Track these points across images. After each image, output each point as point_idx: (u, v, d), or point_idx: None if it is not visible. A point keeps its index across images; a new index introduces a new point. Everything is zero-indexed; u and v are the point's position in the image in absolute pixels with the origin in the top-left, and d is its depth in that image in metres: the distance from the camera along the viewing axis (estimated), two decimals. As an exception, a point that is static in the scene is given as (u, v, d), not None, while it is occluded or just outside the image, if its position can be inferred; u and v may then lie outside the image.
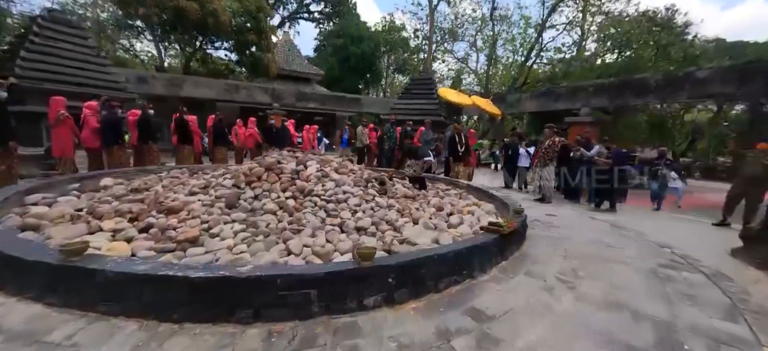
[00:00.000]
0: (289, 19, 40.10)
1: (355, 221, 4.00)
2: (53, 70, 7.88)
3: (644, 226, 5.33)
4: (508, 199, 5.03)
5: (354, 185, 5.04)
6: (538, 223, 4.94)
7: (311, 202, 4.28)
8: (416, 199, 5.57)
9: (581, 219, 5.54)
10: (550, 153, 6.79)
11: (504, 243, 3.20)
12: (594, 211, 6.61)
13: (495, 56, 27.22)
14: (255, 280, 2.06)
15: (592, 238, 4.34)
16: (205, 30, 13.82)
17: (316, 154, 5.97)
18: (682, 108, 19.44)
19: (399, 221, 4.28)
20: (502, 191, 8.09)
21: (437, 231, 4.08)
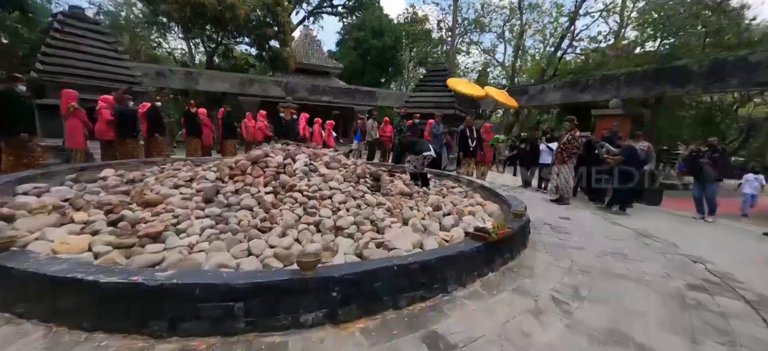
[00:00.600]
0: (313, 14, 40.49)
1: (335, 220, 3.70)
2: (72, 64, 8.17)
3: (679, 235, 4.59)
4: (515, 199, 4.49)
5: (344, 181, 4.74)
6: (546, 228, 4.38)
7: (291, 199, 4.02)
8: (413, 197, 5.18)
9: (600, 224, 4.87)
10: (570, 149, 6.09)
11: (491, 252, 2.75)
12: (617, 214, 5.87)
13: (523, 47, 25.74)
14: (170, 289, 1.79)
15: (607, 247, 3.73)
16: (223, 24, 14.03)
17: (312, 148, 5.72)
18: (735, 101, 17.27)
19: (385, 221, 3.92)
20: (515, 191, 7.47)
21: (427, 234, 3.70)
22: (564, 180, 6.20)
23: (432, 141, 8.73)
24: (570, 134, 6.08)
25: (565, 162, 6.17)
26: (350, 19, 34.86)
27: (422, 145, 5.68)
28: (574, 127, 6.14)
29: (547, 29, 24.56)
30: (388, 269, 2.11)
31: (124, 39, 19.90)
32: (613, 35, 21.72)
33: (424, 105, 11.55)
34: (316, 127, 10.75)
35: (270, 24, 15.93)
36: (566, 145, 6.11)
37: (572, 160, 6.21)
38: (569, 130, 6.13)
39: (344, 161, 5.24)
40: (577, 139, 6.06)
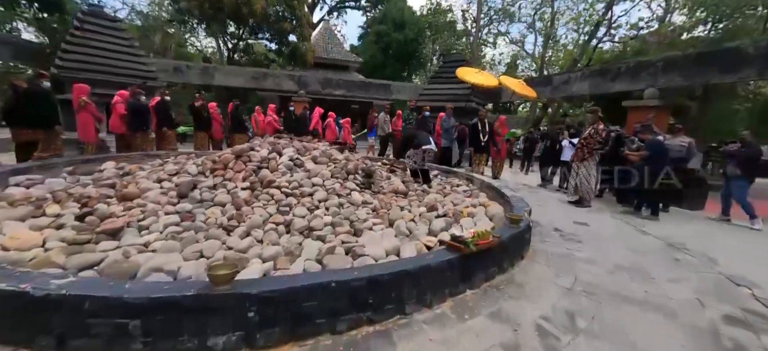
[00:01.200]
0: (336, 9, 40.55)
1: (310, 220, 3.39)
2: (89, 60, 8.45)
3: (721, 247, 3.83)
4: (521, 201, 3.95)
5: (331, 177, 4.42)
6: (555, 235, 3.81)
7: (268, 195, 3.76)
8: (408, 195, 4.77)
9: (623, 232, 4.20)
10: (591, 144, 5.36)
11: (469, 265, 2.31)
12: (648, 219, 5.10)
13: (554, 36, 24.08)
14: (58, 301, 1.54)
15: (626, 261, 3.12)
16: (240, 19, 14.19)
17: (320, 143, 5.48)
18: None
19: (367, 222, 3.58)
20: (531, 190, 6.79)
21: (410, 238, 3.31)
22: (584, 179, 5.48)
23: (442, 135, 8.24)
24: (593, 128, 5.35)
25: (585, 159, 5.46)
26: (374, 12, 34.50)
27: (422, 138, 5.23)
28: (598, 119, 5.39)
29: (581, 16, 22.75)
30: (323, 286, 1.75)
31: (156, 38, 20.93)
32: (658, 21, 19.69)
33: (439, 98, 11.00)
34: (329, 120, 10.51)
35: (287, 18, 15.92)
36: (587, 139, 5.39)
37: (594, 157, 5.47)
38: (592, 122, 5.40)
39: (336, 156, 4.91)
40: (601, 134, 5.32)
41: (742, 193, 5.09)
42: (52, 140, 6.61)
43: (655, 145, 5.18)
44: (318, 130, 10.39)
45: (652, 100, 6.99)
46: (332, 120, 10.49)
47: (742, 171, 5.11)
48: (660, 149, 5.17)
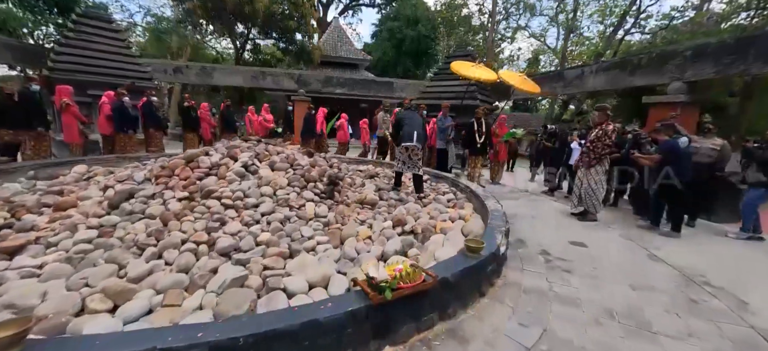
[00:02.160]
0: (351, 7, 40.30)
1: (241, 238, 2.93)
2: (82, 61, 8.43)
3: (754, 280, 3.03)
4: (499, 216, 3.31)
5: (288, 185, 3.95)
6: (539, 260, 3.14)
7: (204, 207, 3.34)
8: (378, 205, 4.23)
9: (629, 256, 3.44)
10: (598, 148, 4.57)
11: (391, 314, 1.75)
12: (669, 235, 4.29)
13: (576, 29, 22.54)
14: None
15: (621, 303, 2.43)
16: (243, 18, 14.07)
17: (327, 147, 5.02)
18: None
19: (311, 242, 3.09)
20: (531, 198, 6.03)
21: (353, 263, 2.79)
22: (590, 189, 4.69)
23: (438, 135, 7.61)
24: (600, 128, 4.55)
25: (592, 165, 4.67)
26: (387, 9, 33.93)
27: (405, 131, 4.65)
28: (607, 118, 4.59)
29: (607, 7, 21.06)
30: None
31: (173, 40, 21.39)
32: (693, 9, 17.81)
33: (442, 95, 10.32)
34: (342, 121, 10.06)
35: (293, 16, 15.69)
36: (594, 142, 4.60)
37: (603, 162, 4.67)
38: (599, 122, 4.60)
39: (299, 161, 4.43)
40: (610, 135, 4.51)
41: (754, 200, 4.21)
42: (40, 142, 6.64)
43: (669, 147, 4.34)
44: (323, 132, 9.95)
45: (677, 96, 5.99)
46: (345, 121, 10.06)
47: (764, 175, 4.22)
48: (675, 153, 4.31)
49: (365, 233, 3.40)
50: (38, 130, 6.56)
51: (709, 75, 5.59)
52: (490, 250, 2.49)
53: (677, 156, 4.35)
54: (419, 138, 4.74)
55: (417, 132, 4.74)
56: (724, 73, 5.42)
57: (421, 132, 4.81)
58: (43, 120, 6.70)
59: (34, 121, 6.44)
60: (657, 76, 6.46)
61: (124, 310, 2.01)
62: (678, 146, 4.53)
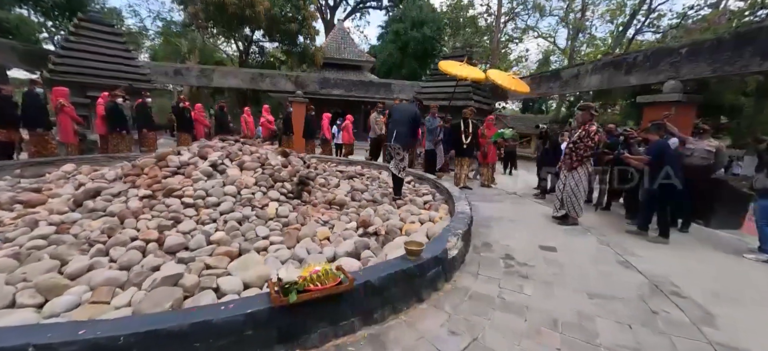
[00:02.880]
0: (358, 9, 40.51)
1: (191, 237, 2.92)
2: (82, 64, 8.68)
3: (730, 292, 2.82)
4: (461, 220, 3.20)
5: (254, 184, 3.94)
6: (500, 265, 3.01)
7: (164, 206, 3.35)
8: (347, 206, 4.18)
9: (598, 262, 3.25)
10: (581, 149, 4.38)
11: (301, 317, 1.70)
12: (657, 241, 4.08)
13: (584, 28, 22.00)
14: None
15: (572, 312, 2.27)
16: (244, 21, 14.28)
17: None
18: None
19: (265, 242, 3.05)
20: (518, 200, 5.84)
21: (299, 265, 2.74)
22: (572, 191, 4.50)
23: (427, 137, 7.51)
24: (583, 129, 4.36)
25: (574, 168, 4.48)
26: (394, 11, 33.95)
27: (389, 131, 4.59)
28: (590, 118, 4.40)
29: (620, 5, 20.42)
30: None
31: (183, 43, 21.92)
32: (709, 6, 17.10)
33: (436, 96, 10.20)
34: (347, 122, 10.06)
35: (293, 19, 15.84)
36: (576, 143, 4.41)
37: (586, 165, 4.48)
38: (582, 122, 4.42)
39: (272, 161, 4.42)
40: (593, 136, 4.32)
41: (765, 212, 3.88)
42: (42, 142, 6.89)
43: (658, 148, 4.13)
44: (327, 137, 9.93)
45: (671, 95, 5.69)
46: (350, 122, 10.07)
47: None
48: (662, 153, 4.10)
49: (324, 234, 3.35)
50: (37, 130, 6.84)
51: (705, 73, 5.30)
52: (434, 253, 2.39)
53: (667, 158, 4.13)
54: (398, 137, 4.53)
55: (397, 131, 4.57)
56: (720, 71, 5.12)
57: (403, 130, 4.53)
58: (45, 121, 6.97)
59: (37, 122, 6.72)
60: (652, 75, 6.17)
61: (53, 306, 2.02)
62: (667, 148, 4.32)
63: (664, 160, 4.13)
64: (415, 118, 4.64)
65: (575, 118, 4.60)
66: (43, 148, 6.93)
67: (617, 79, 6.80)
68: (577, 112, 4.56)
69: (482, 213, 4.87)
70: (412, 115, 4.63)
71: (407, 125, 4.58)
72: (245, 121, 9.84)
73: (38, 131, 6.83)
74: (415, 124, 4.69)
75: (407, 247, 2.29)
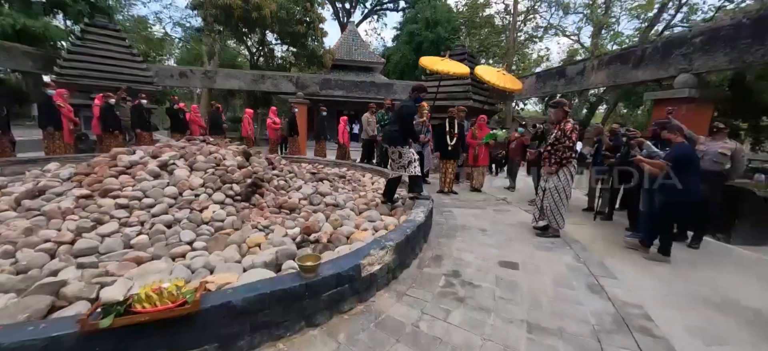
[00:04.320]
0: (375, 12, 40.55)
1: (102, 240, 2.77)
2: (87, 67, 9.01)
3: (729, 329, 2.28)
4: (402, 229, 2.84)
5: (201, 185, 3.76)
6: (436, 285, 2.61)
7: (97, 206, 3.23)
8: (295, 211, 3.91)
9: (563, 285, 2.77)
10: (561, 151, 3.86)
11: (115, 344, 1.43)
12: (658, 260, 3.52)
13: (608, 24, 20.61)
14: None
15: (499, 348, 1.87)
16: (250, 24, 14.49)
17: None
18: None
19: (183, 248, 2.86)
20: (503, 207, 5.32)
21: (205, 275, 2.51)
22: (552, 198, 3.97)
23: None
24: (559, 128, 3.84)
25: (553, 172, 3.95)
26: (409, 12, 33.66)
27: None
28: (565, 114, 3.87)
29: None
30: None
31: (202, 49, 22.76)
32: None
33: (440, 96, 9.75)
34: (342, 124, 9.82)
35: (301, 21, 15.92)
36: (554, 145, 3.88)
37: (569, 168, 3.94)
38: (557, 120, 3.89)
39: (226, 162, 4.24)
40: (570, 135, 3.77)
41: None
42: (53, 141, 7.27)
43: (683, 155, 3.53)
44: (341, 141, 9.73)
45: (682, 90, 4.94)
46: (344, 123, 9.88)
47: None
48: (688, 161, 3.52)
49: (255, 240, 3.10)
50: (48, 129, 7.18)
51: (722, 64, 4.53)
52: (338, 269, 2.06)
53: (693, 168, 3.52)
54: (385, 135, 4.38)
55: (386, 129, 4.41)
56: (739, 61, 4.34)
57: (390, 128, 4.29)
58: (56, 121, 7.30)
59: (49, 122, 7.07)
60: (663, 69, 5.42)
61: None
62: (694, 155, 3.63)
63: (688, 169, 3.47)
64: (401, 115, 4.21)
65: (548, 117, 4.07)
66: (53, 145, 7.27)
67: (624, 74, 6.07)
68: (550, 110, 4.01)
69: (454, 221, 4.45)
70: (398, 111, 4.32)
71: (396, 123, 4.31)
72: (248, 122, 9.81)
73: (49, 130, 7.17)
74: (403, 120, 4.19)
75: (300, 262, 1.98)
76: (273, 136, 9.95)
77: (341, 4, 36.98)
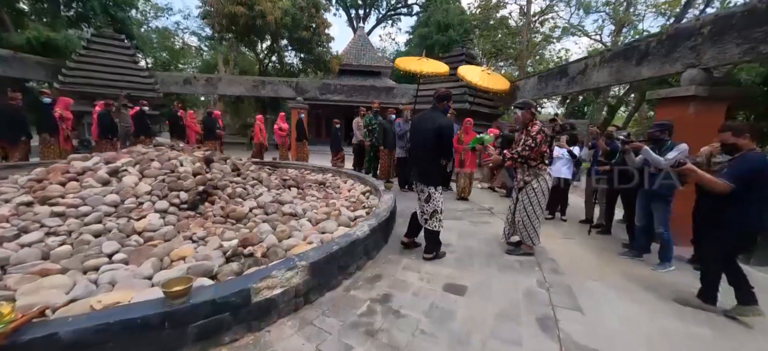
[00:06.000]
0: (388, 17, 40.63)
1: (19, 249, 2.67)
2: (93, 75, 9.35)
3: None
4: (328, 245, 2.55)
5: (148, 193, 3.64)
6: (351, 314, 2.28)
7: (33, 213, 3.16)
8: (242, 219, 3.71)
9: (509, 318, 2.35)
10: (533, 156, 3.41)
11: None
12: (701, 308, 2.80)
13: (629, 21, 19.40)
14: None
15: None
16: (256, 31, 14.72)
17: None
18: None
19: (99, 260, 2.70)
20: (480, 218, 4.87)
21: (95, 291, 2.34)
22: (524, 212, 3.52)
23: (398, 143, 6.82)
24: (526, 132, 3.38)
25: (527, 182, 3.50)
26: (421, 16, 33.46)
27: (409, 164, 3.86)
28: (532, 116, 3.42)
29: None
30: None
31: (217, 56, 23.55)
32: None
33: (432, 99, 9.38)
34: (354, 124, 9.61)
35: (307, 27, 16.04)
36: (520, 153, 3.39)
37: (543, 176, 3.48)
38: (524, 122, 3.44)
39: (181, 169, 4.11)
40: (536, 138, 3.30)
41: None
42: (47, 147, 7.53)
43: (754, 166, 2.48)
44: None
45: (689, 87, 4.28)
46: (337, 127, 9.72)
47: None
48: (761, 178, 2.49)
49: (182, 253, 2.90)
50: (43, 135, 7.47)
51: (734, 57, 3.88)
52: (216, 295, 1.79)
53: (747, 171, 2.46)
54: (419, 169, 3.37)
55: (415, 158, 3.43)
56: (754, 53, 3.68)
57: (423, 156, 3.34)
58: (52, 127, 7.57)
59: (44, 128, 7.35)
60: (668, 64, 4.76)
61: None
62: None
63: (761, 188, 2.46)
64: (439, 134, 3.17)
65: (514, 120, 3.61)
66: (48, 151, 7.53)
67: (627, 71, 5.43)
68: (516, 112, 3.54)
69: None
70: (435, 131, 3.17)
71: (428, 148, 3.24)
72: (260, 128, 9.75)
73: (44, 136, 7.45)
74: (441, 142, 3.21)
75: (165, 289, 1.73)
76: (280, 141, 9.88)
77: (355, 11, 37.33)
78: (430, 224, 3.28)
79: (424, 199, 3.31)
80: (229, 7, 13.34)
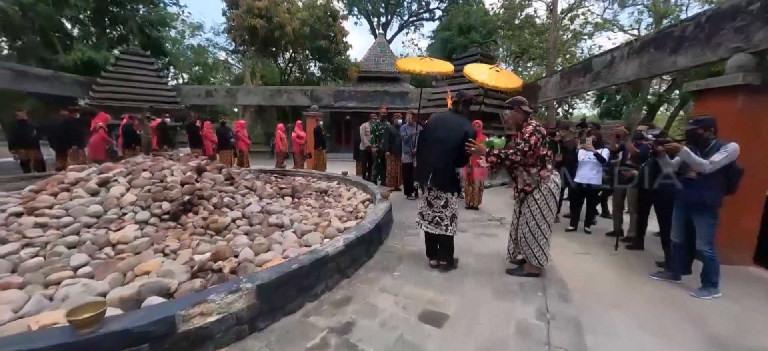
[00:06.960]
0: (411, 23, 40.55)
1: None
2: (120, 90, 9.94)
3: None
4: (285, 265, 2.30)
5: (132, 203, 3.61)
6: (301, 344, 1.99)
7: (18, 224, 3.19)
8: (220, 232, 3.56)
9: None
10: (533, 161, 2.94)
11: None
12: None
13: (671, 12, 17.73)
14: None
15: None
16: (274, 42, 15.09)
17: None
18: None
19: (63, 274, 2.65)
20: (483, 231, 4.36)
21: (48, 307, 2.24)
22: (527, 227, 3.04)
23: (403, 148, 6.51)
24: (520, 135, 2.91)
25: (528, 192, 3.03)
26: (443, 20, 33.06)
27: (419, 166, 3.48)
28: (525, 116, 2.95)
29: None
30: None
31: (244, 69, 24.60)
32: None
33: (445, 103, 8.99)
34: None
35: (326, 36, 16.24)
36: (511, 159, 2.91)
37: (548, 184, 2.99)
38: (517, 123, 2.98)
39: (169, 179, 4.07)
40: (528, 139, 2.83)
41: None
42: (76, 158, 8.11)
43: None
44: None
45: (736, 75, 3.53)
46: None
47: None
48: None
49: (148, 267, 2.77)
50: (73, 147, 8.03)
51: None
52: (132, 324, 1.58)
53: None
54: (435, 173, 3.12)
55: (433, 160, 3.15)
56: None
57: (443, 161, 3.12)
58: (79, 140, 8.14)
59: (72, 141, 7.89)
60: (709, 50, 4.01)
61: None
62: None
63: None
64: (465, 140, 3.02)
65: (504, 121, 3.12)
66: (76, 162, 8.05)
67: (660, 62, 4.69)
68: (505, 113, 3.06)
69: (411, 247, 3.74)
70: (463, 137, 3.02)
71: (449, 152, 3.05)
72: (280, 138, 9.90)
73: (73, 148, 7.99)
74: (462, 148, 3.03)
75: (70, 316, 1.54)
76: (297, 149, 9.92)
77: (377, 19, 37.64)
78: (452, 230, 3.15)
79: (441, 205, 3.14)
80: (248, 21, 13.83)
